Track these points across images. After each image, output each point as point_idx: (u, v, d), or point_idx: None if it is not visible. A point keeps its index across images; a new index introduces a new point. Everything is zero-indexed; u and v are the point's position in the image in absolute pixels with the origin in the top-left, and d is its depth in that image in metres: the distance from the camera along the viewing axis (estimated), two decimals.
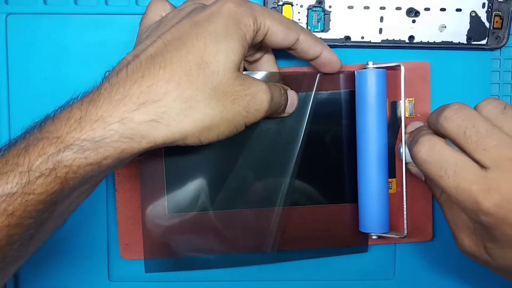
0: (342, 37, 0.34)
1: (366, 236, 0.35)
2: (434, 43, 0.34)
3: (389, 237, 0.33)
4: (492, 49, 0.35)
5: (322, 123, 0.34)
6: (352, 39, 0.34)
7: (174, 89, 0.25)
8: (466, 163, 0.25)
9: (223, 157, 0.34)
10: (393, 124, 0.34)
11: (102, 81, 0.26)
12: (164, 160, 0.34)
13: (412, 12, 0.34)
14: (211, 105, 0.26)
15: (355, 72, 0.33)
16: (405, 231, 0.33)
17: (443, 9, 0.34)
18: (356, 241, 0.35)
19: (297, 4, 0.34)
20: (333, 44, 0.34)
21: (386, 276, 0.37)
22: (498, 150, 0.24)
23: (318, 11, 0.34)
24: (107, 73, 0.27)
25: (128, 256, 0.36)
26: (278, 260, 0.36)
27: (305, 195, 0.35)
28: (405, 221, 0.33)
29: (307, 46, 0.30)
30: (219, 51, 0.26)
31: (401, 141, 0.32)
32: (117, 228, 0.35)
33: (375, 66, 0.32)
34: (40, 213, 0.24)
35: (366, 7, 0.34)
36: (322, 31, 0.34)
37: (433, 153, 0.26)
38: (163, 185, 0.34)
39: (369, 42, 0.34)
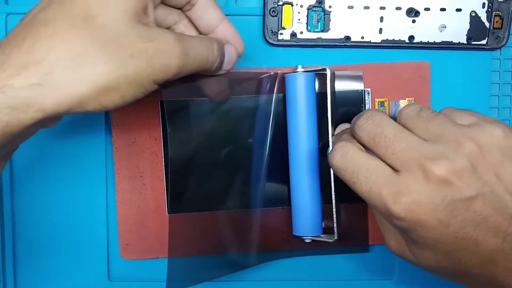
0: (342, 37, 0.34)
1: (366, 236, 0.35)
2: (434, 43, 0.34)
3: (322, 240, 0.33)
4: (492, 49, 0.35)
5: (283, 125, 0.34)
6: (352, 39, 0.34)
7: (57, 45, 0.22)
8: (377, 168, 0.25)
9: (218, 157, 0.34)
10: None
11: None
12: (164, 159, 0.34)
13: (412, 12, 0.34)
14: (102, 61, 0.23)
15: (285, 76, 0.33)
16: (336, 235, 0.33)
17: (443, 9, 0.34)
18: (357, 241, 0.35)
19: (297, 4, 0.34)
20: (333, 44, 0.34)
21: (386, 276, 0.37)
22: (406, 152, 0.24)
23: (318, 11, 0.34)
24: None
25: (128, 256, 0.36)
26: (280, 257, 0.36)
27: (280, 196, 0.35)
28: (335, 225, 0.33)
29: (209, 5, 0.28)
30: (109, 1, 0.23)
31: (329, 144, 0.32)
32: (117, 228, 0.35)
33: (304, 70, 0.32)
34: None
35: (366, 7, 0.34)
36: (322, 31, 0.34)
37: (346, 159, 0.26)
38: (163, 185, 0.34)
39: (369, 42, 0.34)
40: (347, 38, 0.34)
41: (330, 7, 0.34)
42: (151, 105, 0.34)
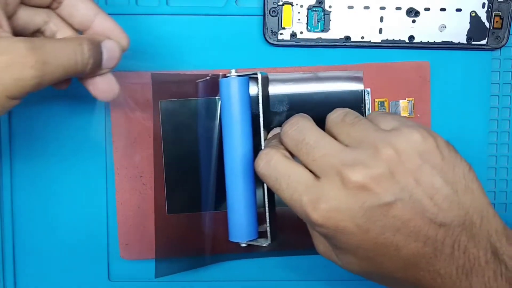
0: (342, 37, 0.34)
1: None
2: (434, 43, 0.34)
3: (257, 245, 0.33)
4: (492, 49, 0.35)
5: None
6: (352, 39, 0.34)
7: None
8: (299, 175, 0.25)
9: (184, 158, 0.34)
10: None
11: None
12: (164, 158, 0.34)
13: (412, 12, 0.34)
14: None
15: (219, 80, 0.33)
16: (269, 239, 0.33)
17: (443, 9, 0.34)
18: None
19: (297, 4, 0.34)
20: (333, 44, 0.34)
21: None
22: (326, 159, 0.24)
23: (318, 11, 0.34)
24: None
25: (128, 256, 0.36)
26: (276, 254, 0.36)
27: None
28: (268, 228, 0.33)
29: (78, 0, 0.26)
30: None
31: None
32: (117, 228, 0.35)
33: (237, 74, 0.32)
34: None
35: (366, 7, 0.34)
36: (322, 31, 0.34)
37: (269, 166, 0.26)
38: (163, 185, 0.34)
39: (369, 42, 0.34)
40: (347, 38, 0.34)
41: (330, 7, 0.34)
42: (151, 105, 0.34)
